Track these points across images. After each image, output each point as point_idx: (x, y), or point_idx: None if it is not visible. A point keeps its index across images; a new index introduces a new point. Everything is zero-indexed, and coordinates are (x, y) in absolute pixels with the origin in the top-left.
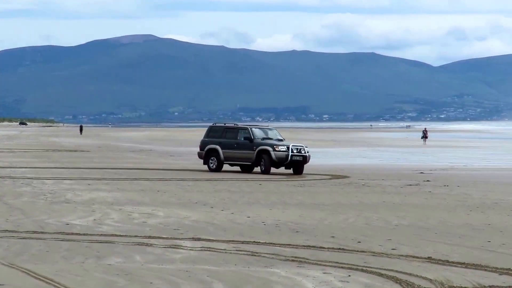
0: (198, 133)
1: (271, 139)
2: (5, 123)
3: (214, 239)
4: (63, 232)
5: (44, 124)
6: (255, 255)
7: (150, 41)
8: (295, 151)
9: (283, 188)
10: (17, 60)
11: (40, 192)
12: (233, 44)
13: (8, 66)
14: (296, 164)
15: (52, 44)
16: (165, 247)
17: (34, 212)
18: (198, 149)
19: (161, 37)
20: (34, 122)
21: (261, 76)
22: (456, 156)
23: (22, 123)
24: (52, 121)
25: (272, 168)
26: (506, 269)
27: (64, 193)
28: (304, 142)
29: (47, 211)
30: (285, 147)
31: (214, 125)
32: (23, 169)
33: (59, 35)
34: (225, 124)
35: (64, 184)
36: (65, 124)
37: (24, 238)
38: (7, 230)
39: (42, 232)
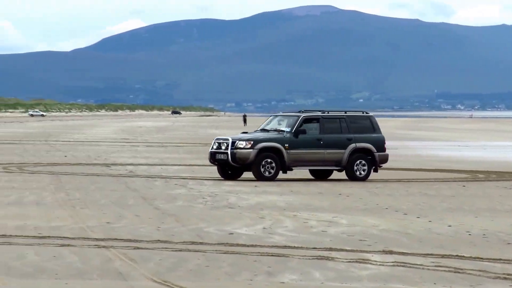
0: (390, 124)
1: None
2: (155, 112)
3: (409, 252)
4: (226, 243)
5: (202, 113)
6: (458, 272)
7: (329, 13)
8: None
9: (491, 191)
10: (169, 37)
11: (197, 195)
12: (429, 17)
13: (158, 44)
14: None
15: (210, 17)
16: (349, 262)
17: (190, 219)
18: (393, 143)
19: (342, 8)
20: (190, 111)
21: (463, 55)
22: None
23: (175, 112)
24: (211, 110)
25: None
26: None
27: (227, 196)
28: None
29: (207, 217)
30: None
31: None
32: (177, 167)
33: (219, 6)
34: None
35: (226, 186)
36: (226, 113)
37: (179, 250)
38: (159, 241)
39: (201, 243)
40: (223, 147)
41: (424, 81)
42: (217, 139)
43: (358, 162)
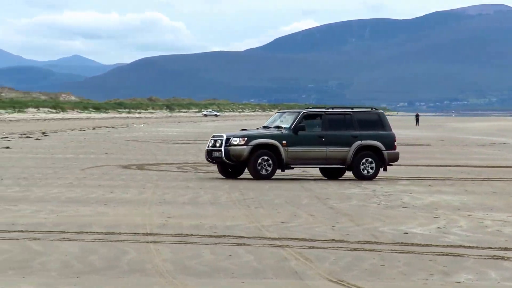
0: None
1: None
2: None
3: None
4: (401, 243)
5: None
6: None
7: (502, 12)
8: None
9: None
10: (341, 37)
11: (371, 194)
12: None
13: (331, 44)
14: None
15: (382, 17)
16: None
17: (365, 218)
18: None
19: None
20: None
21: None
22: None
23: None
24: (383, 109)
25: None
26: None
27: (401, 196)
28: None
29: (381, 217)
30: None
31: None
32: None
33: (392, 6)
34: None
35: (399, 185)
36: (398, 113)
37: (354, 249)
38: (334, 240)
39: (375, 243)
40: (218, 144)
41: None
42: (213, 136)
43: (364, 160)
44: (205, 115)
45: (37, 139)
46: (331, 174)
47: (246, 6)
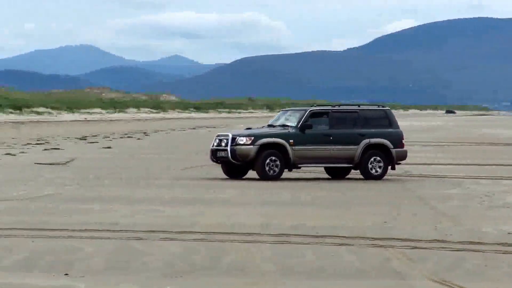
0: None
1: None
2: (428, 111)
3: None
4: (505, 243)
5: (476, 112)
6: None
7: None
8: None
9: None
10: (441, 36)
11: (473, 194)
12: None
13: (431, 44)
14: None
15: (483, 16)
16: None
17: (467, 218)
18: None
19: None
20: (464, 110)
21: None
22: None
23: (449, 111)
24: (485, 109)
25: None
26: None
27: (504, 196)
28: None
29: (484, 217)
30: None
31: None
32: (451, 167)
33: (493, 5)
34: None
35: (503, 186)
36: (501, 112)
37: (457, 250)
38: (436, 240)
39: (478, 243)
40: (223, 144)
41: None
42: (218, 135)
43: (372, 159)
44: None
45: (138, 139)
46: (335, 173)
47: (345, 6)
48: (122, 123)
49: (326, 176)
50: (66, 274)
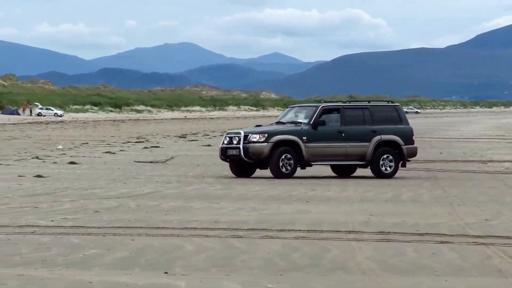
0: None
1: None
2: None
3: None
4: None
5: None
6: None
7: None
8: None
9: None
10: None
11: None
12: None
13: None
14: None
15: None
16: None
17: None
18: None
19: None
20: None
21: None
22: None
23: None
24: None
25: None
26: None
27: None
28: None
29: None
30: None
31: None
32: None
33: None
34: None
35: None
36: None
37: None
38: None
39: None
40: (235, 142)
41: None
42: (228, 133)
43: (384, 156)
44: (406, 112)
45: None
46: (342, 171)
47: (446, 3)
48: (222, 121)
49: (428, 174)
50: (166, 273)
